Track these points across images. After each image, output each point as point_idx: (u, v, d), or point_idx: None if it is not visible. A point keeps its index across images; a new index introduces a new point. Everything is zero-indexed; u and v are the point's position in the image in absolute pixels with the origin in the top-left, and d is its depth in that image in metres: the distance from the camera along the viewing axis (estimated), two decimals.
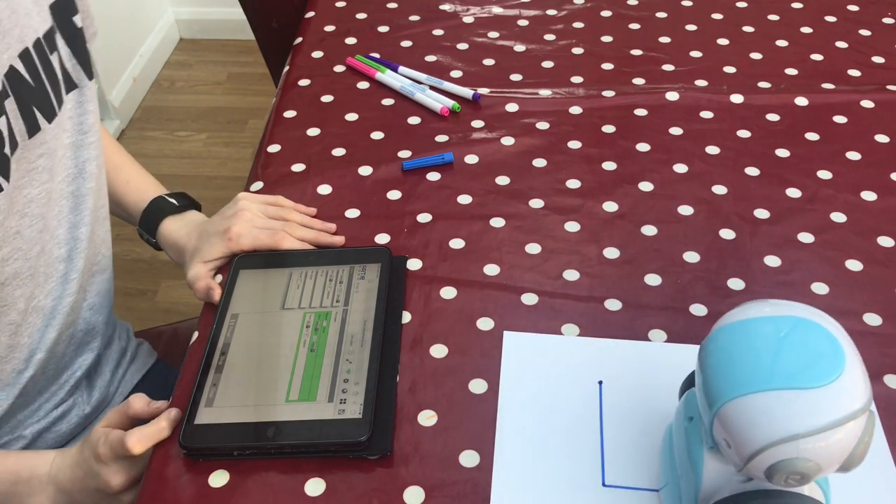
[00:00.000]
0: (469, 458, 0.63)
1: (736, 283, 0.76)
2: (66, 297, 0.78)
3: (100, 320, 0.85)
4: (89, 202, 0.78)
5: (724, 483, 0.53)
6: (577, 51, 1.05)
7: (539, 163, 0.89)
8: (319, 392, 0.66)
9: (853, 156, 0.89)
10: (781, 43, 1.06)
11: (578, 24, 1.10)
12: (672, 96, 0.97)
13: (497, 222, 0.83)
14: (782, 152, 0.90)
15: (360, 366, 0.67)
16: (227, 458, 0.63)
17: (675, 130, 0.93)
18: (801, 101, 0.96)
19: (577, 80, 1.01)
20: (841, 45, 1.05)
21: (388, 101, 0.99)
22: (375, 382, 0.66)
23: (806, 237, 0.80)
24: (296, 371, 0.67)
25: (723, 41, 1.07)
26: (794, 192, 0.85)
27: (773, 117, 0.94)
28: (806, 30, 1.08)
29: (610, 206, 0.84)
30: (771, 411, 0.47)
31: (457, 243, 0.81)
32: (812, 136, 0.92)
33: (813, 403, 0.46)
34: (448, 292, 0.76)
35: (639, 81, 1.00)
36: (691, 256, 0.78)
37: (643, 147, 0.91)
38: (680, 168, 0.88)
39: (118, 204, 0.90)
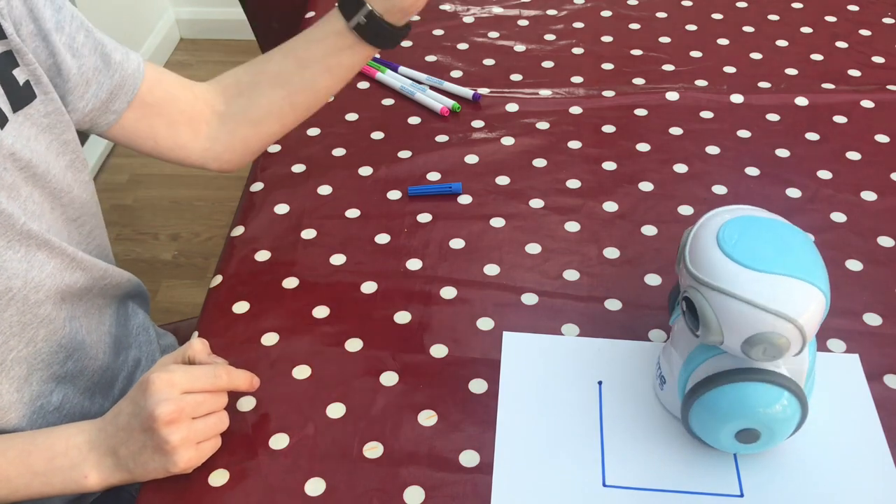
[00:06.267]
0: (469, 458, 0.63)
1: None
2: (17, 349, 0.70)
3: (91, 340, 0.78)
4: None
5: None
6: (577, 51, 1.05)
7: (539, 163, 0.89)
8: None
9: (853, 156, 0.89)
10: (781, 43, 1.06)
11: (578, 24, 1.10)
12: (672, 96, 0.97)
13: (497, 222, 0.83)
14: (782, 152, 0.90)
15: None
16: None
17: (675, 130, 0.93)
18: (801, 101, 0.96)
19: (577, 80, 1.01)
20: (841, 45, 1.05)
21: (388, 101, 0.99)
22: None
23: None
24: None
25: (723, 41, 1.06)
26: (794, 192, 0.85)
27: (773, 117, 0.94)
28: (806, 30, 1.08)
29: (610, 206, 0.84)
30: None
31: (457, 243, 0.81)
32: (812, 136, 0.92)
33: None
34: (448, 292, 0.76)
35: (639, 81, 1.00)
36: None
37: (643, 147, 0.91)
38: (680, 168, 0.88)
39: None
